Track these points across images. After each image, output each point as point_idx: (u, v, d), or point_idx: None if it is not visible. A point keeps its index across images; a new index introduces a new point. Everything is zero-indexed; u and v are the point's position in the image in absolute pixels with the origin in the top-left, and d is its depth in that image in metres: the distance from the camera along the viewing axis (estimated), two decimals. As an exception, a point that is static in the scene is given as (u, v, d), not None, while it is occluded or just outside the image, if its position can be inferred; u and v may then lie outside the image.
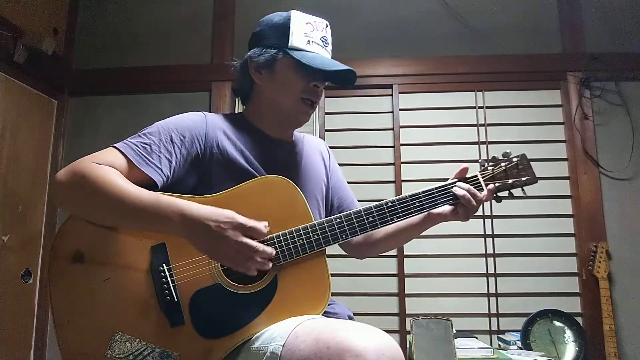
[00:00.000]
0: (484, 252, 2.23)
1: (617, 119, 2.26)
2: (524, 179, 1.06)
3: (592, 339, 2.03)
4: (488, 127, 2.34)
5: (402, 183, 2.30)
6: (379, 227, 1.00)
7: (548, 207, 2.24)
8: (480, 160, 1.10)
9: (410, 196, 1.02)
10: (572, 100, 2.30)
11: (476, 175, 1.07)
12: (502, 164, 1.07)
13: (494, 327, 2.16)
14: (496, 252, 2.23)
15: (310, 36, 1.04)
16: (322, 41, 1.06)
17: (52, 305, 0.90)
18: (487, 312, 2.18)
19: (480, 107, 2.36)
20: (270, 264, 0.90)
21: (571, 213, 2.23)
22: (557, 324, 2.02)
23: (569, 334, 2.00)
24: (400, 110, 2.38)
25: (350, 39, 2.41)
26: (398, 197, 1.02)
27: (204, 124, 1.03)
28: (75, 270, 0.90)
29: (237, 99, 2.50)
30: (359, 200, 1.27)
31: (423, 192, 1.03)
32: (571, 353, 1.96)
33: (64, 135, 2.44)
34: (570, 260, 2.20)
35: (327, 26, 1.09)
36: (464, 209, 1.04)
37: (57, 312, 0.89)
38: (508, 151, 1.08)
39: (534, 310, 2.04)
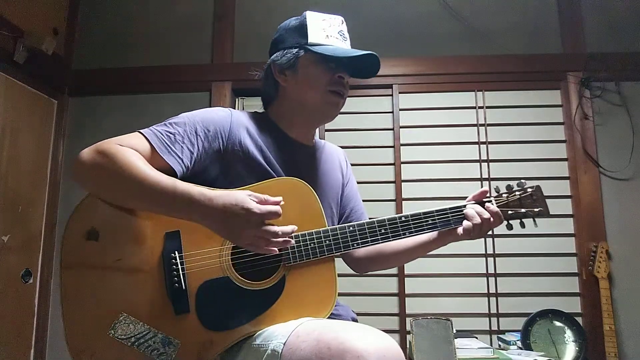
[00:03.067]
0: (484, 252, 2.23)
1: (617, 119, 2.26)
2: (536, 209, 1.08)
3: (592, 339, 2.03)
4: (488, 127, 2.34)
5: (402, 183, 2.30)
6: (390, 240, 1.02)
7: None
8: (495, 187, 1.12)
9: (424, 213, 1.04)
10: (572, 100, 2.30)
11: (490, 201, 1.08)
12: (517, 193, 1.09)
13: (494, 327, 2.16)
14: (496, 252, 2.23)
15: (327, 31, 1.07)
16: (340, 35, 1.10)
17: (61, 278, 0.90)
18: (487, 312, 2.18)
19: (480, 107, 2.36)
20: (293, 241, 0.92)
21: (571, 213, 2.23)
22: (557, 324, 2.02)
23: (569, 334, 2.00)
24: (400, 110, 2.38)
25: (350, 39, 2.40)
26: (412, 212, 1.03)
27: (229, 120, 1.05)
28: (89, 246, 0.91)
29: (237, 99, 2.51)
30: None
31: (437, 210, 1.05)
32: (571, 353, 1.96)
33: (64, 135, 2.44)
34: (570, 260, 2.20)
35: (342, 22, 1.12)
36: (475, 230, 1.03)
37: (65, 284, 0.90)
38: (523, 181, 1.10)
39: (534, 310, 2.03)
